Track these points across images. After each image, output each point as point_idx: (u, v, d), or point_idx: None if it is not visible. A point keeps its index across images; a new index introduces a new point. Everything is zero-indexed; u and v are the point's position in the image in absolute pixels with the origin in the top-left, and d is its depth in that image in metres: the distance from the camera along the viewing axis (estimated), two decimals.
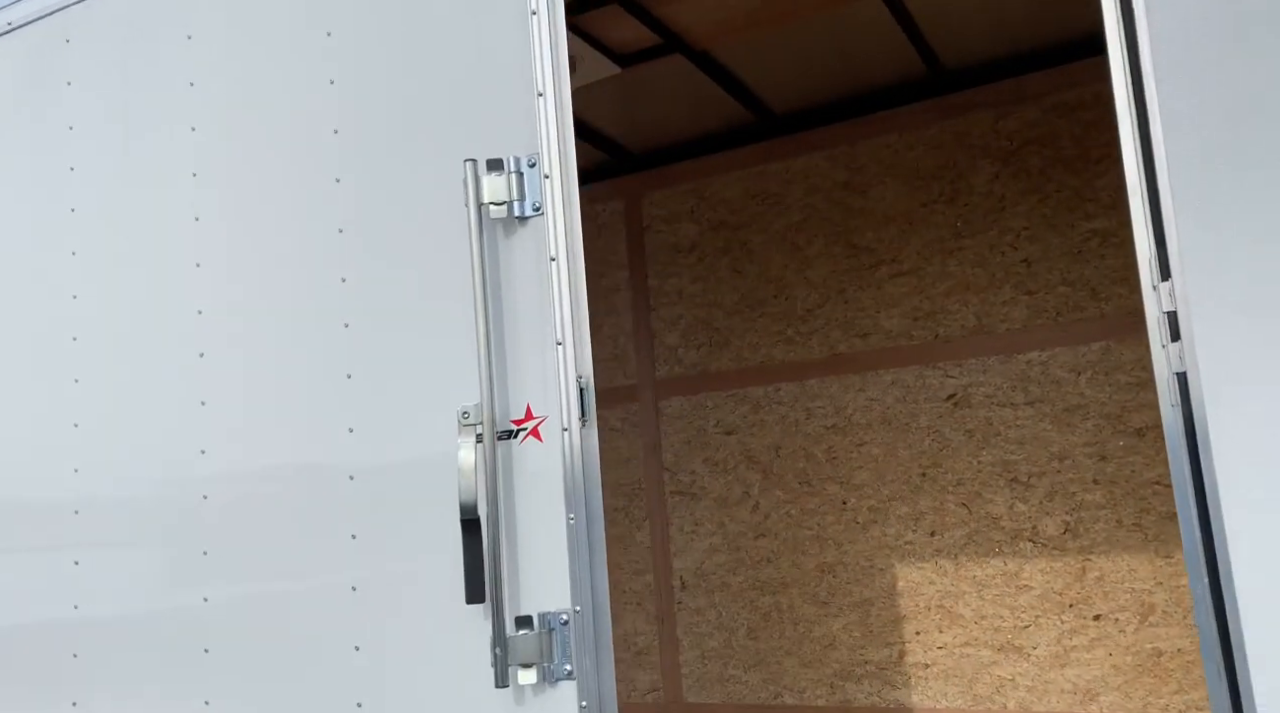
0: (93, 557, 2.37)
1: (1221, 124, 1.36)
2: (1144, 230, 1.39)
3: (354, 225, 2.13)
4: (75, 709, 2.34)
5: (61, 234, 2.52)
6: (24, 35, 2.66)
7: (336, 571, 2.06)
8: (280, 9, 2.27)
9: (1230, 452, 1.31)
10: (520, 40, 1.97)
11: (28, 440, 2.49)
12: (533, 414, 1.91)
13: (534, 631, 1.83)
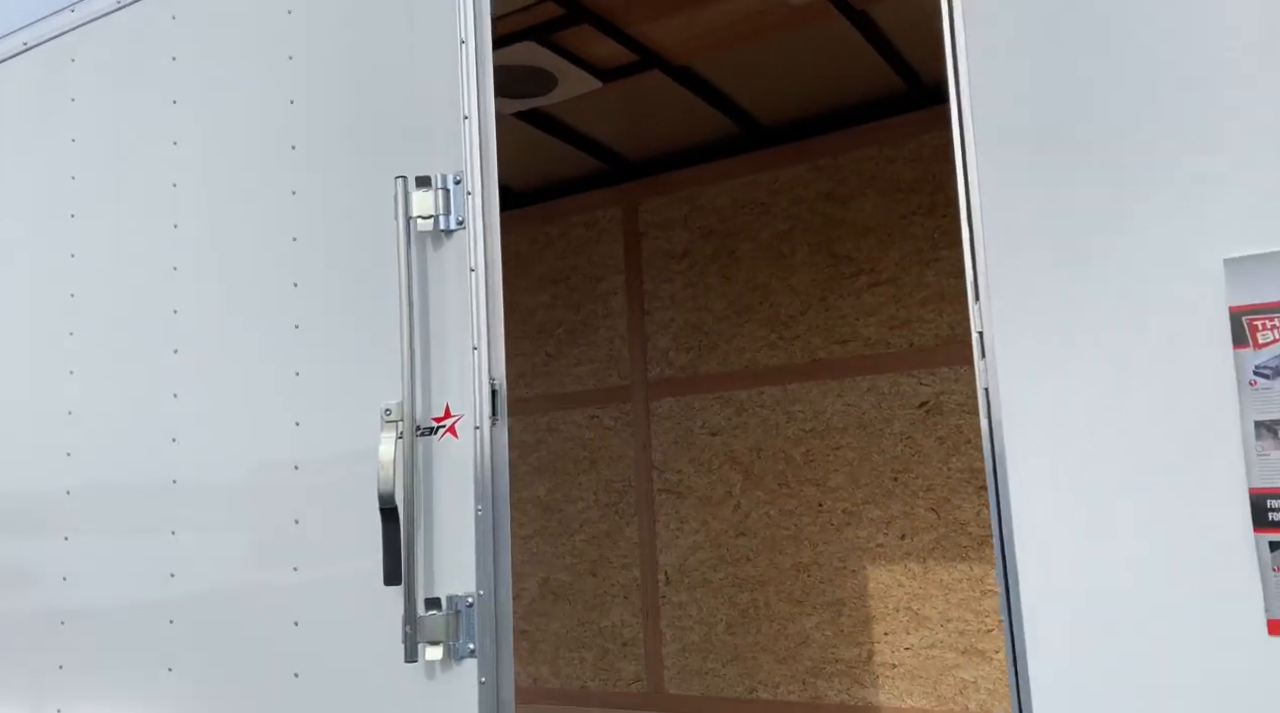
0: (80, 536, 2.60)
1: (1024, 158, 1.45)
2: (968, 252, 1.49)
3: (306, 234, 2.32)
4: (61, 672, 2.57)
5: (62, 237, 2.76)
6: (36, 55, 2.90)
7: (281, 552, 2.25)
8: (249, 35, 2.47)
9: (1020, 464, 1.41)
10: (449, 67, 2.13)
11: (27, 427, 2.73)
12: (451, 413, 2.07)
13: (442, 612, 1.99)
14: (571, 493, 4.56)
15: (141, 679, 2.42)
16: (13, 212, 2.87)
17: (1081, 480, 1.37)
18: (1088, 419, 1.38)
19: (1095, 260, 1.39)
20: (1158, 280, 1.34)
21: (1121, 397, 1.35)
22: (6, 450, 2.76)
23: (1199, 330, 1.31)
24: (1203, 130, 1.33)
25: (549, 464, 4.63)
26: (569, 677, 4.48)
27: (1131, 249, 1.36)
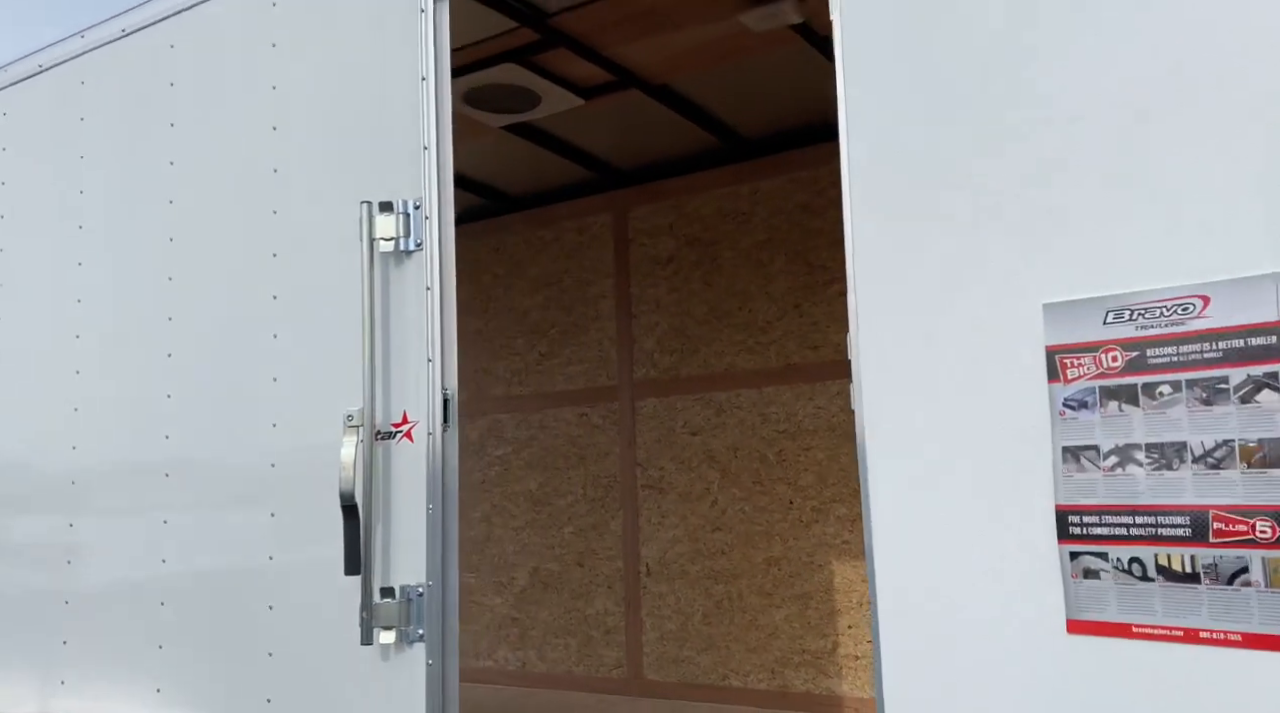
0: (82, 523, 2.85)
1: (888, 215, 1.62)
2: (850, 296, 1.67)
3: (284, 251, 2.53)
4: (65, 647, 2.82)
5: (71, 247, 3.00)
6: (50, 76, 3.14)
7: (258, 542, 2.47)
8: (237, 65, 2.68)
9: (879, 474, 1.59)
10: (411, 102, 2.33)
11: (38, 421, 2.98)
12: (408, 419, 2.27)
13: (395, 600, 2.20)
14: (561, 487, 4.77)
15: (135, 655, 2.66)
16: (29, 222, 3.11)
17: (926, 490, 1.55)
18: (933, 438, 1.55)
19: (942, 302, 1.56)
20: (991, 321, 1.51)
21: (960, 419, 1.53)
22: (19, 442, 3.01)
23: (1022, 366, 1.47)
24: (1028, 198, 1.49)
25: (540, 459, 4.84)
26: (555, 662, 4.70)
27: (970, 294, 1.53)
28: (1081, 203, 1.46)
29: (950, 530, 1.52)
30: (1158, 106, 1.41)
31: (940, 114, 1.62)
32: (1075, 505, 1.41)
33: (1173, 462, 1.34)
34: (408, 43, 2.37)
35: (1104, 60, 1.45)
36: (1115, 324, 1.40)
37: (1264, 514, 1.27)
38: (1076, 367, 1.42)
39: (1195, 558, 1.31)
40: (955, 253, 1.56)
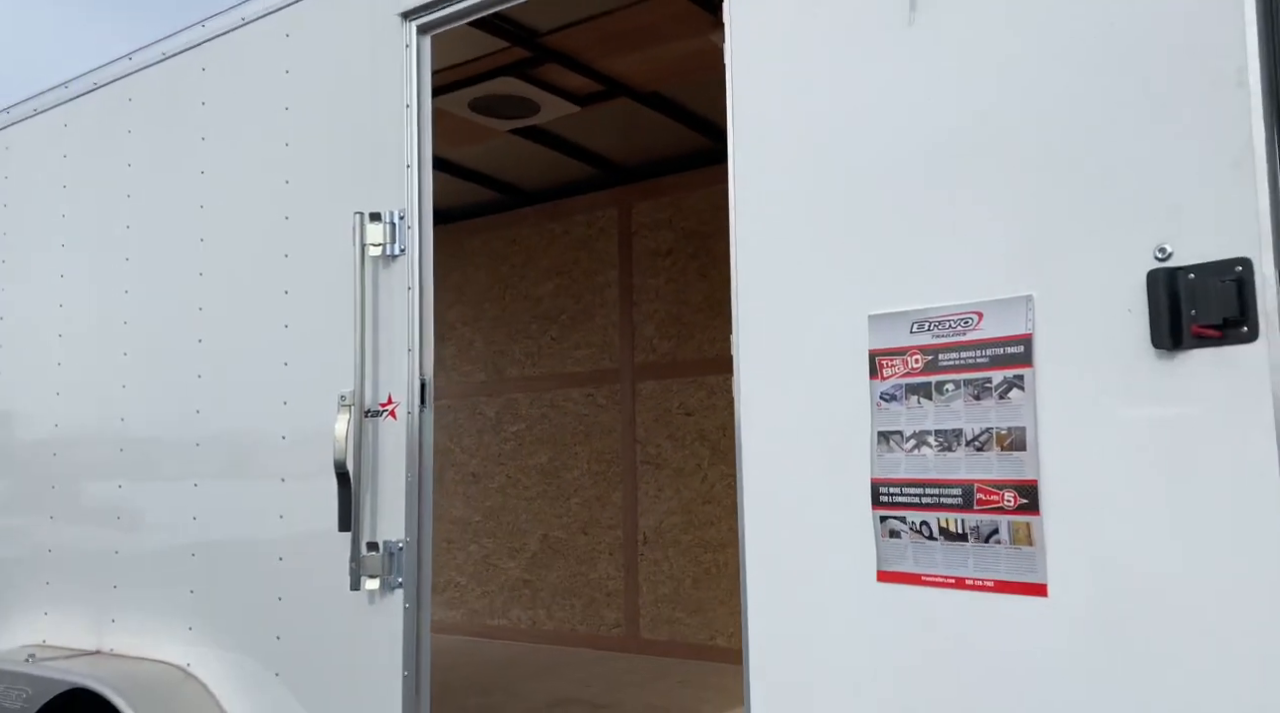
0: (129, 485, 3.30)
1: (764, 238, 1.95)
2: (734, 302, 2.00)
3: (295, 252, 2.93)
4: (115, 590, 3.28)
5: (118, 245, 3.44)
6: (104, 93, 3.58)
7: (271, 503, 2.89)
8: (257, 87, 3.08)
9: (750, 449, 1.92)
10: (396, 126, 2.70)
11: (93, 397, 3.45)
12: (392, 400, 2.66)
13: (379, 553, 2.60)
14: (569, 461, 5.16)
15: (171, 598, 3.11)
16: (85, 222, 3.57)
17: (783, 462, 1.88)
18: (789, 421, 1.88)
19: (798, 313, 1.88)
20: (831, 329, 1.83)
21: (809, 407, 1.85)
22: (79, 415, 3.48)
23: (852, 365, 1.79)
24: (857, 232, 1.80)
25: (550, 436, 5.23)
26: (562, 620, 5.11)
27: (817, 307, 1.85)
28: (895, 238, 1.77)
29: (798, 496, 1.85)
30: (946, 170, 1.70)
31: (796, 163, 1.94)
32: (885, 479, 1.73)
33: (952, 445, 1.65)
34: (394, 74, 2.74)
35: (907, 131, 1.75)
36: (918, 333, 1.71)
37: (1010, 487, 1.58)
38: (890, 367, 1.74)
39: (964, 522, 1.63)
40: (807, 274, 1.88)
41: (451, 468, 5.63)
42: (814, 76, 1.93)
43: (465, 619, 5.47)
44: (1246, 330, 1.37)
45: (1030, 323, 1.59)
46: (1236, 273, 1.38)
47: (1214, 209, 1.41)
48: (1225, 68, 1.42)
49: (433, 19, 2.70)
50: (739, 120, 2.07)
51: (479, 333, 5.57)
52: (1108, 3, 1.55)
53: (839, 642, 1.78)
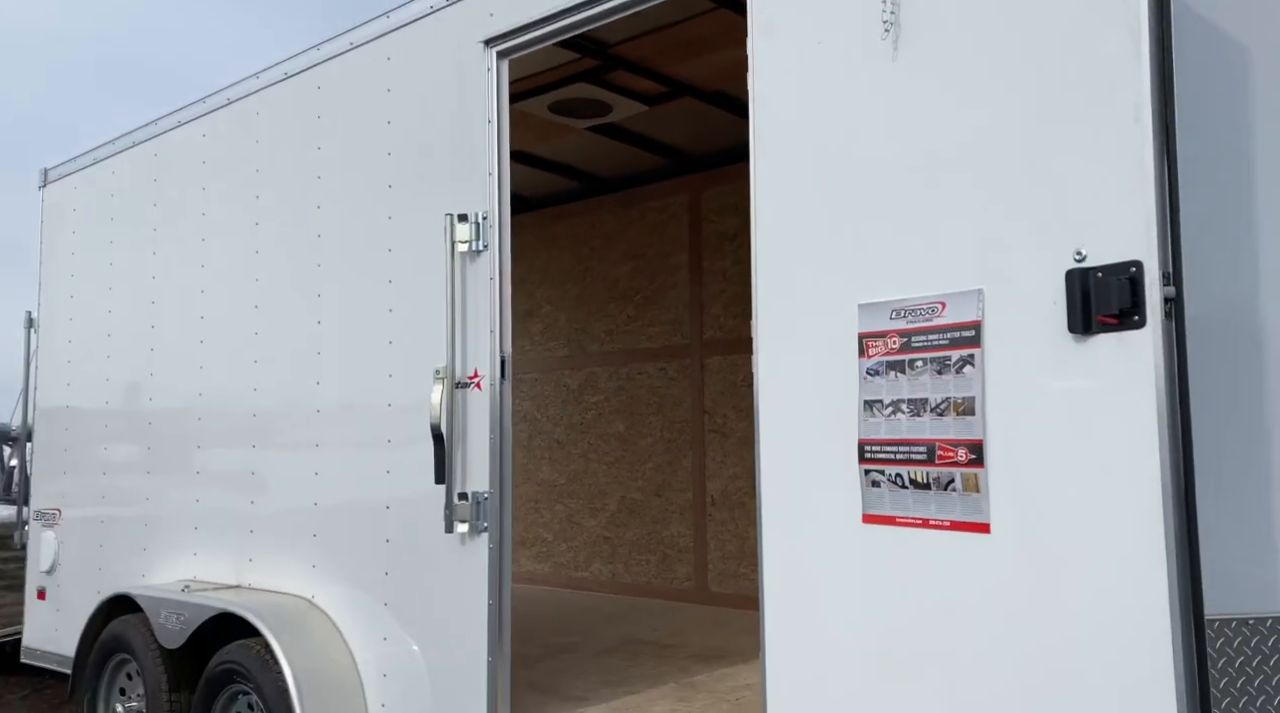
0: (261, 445, 3.88)
1: (781, 237, 2.33)
2: (755, 292, 2.39)
3: (396, 247, 3.43)
4: (251, 535, 3.88)
5: (249, 240, 4.00)
6: (237, 107, 4.14)
7: (379, 458, 3.41)
8: (364, 103, 3.58)
9: (766, 418, 2.32)
10: (480, 138, 3.16)
11: (232, 368, 4.04)
12: (478, 375, 3.14)
13: (468, 501, 3.09)
14: (644, 430, 5.61)
15: (298, 541, 3.67)
16: (223, 219, 4.15)
17: (791, 425, 2.27)
18: (797, 391, 2.26)
19: (806, 301, 2.26)
20: (831, 314, 2.20)
21: (813, 379, 2.23)
22: (220, 387, 4.08)
23: (845, 346, 2.16)
24: (849, 236, 2.15)
25: (627, 407, 5.69)
26: (638, 574, 5.58)
27: (820, 296, 2.23)
28: (879, 240, 2.13)
29: (803, 454, 2.25)
30: (917, 186, 2.05)
31: (802, 179, 2.31)
32: (869, 440, 2.11)
33: (920, 411, 2.01)
34: (478, 93, 3.19)
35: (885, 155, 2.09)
36: (896, 319, 2.08)
37: (964, 446, 1.94)
38: (874, 347, 2.11)
39: (929, 474, 2.00)
40: (811, 269, 2.26)
41: (539, 435, 6.14)
42: (813, 110, 2.30)
43: (552, 572, 6.00)
44: (1138, 318, 1.70)
45: (980, 311, 1.94)
46: (1131, 272, 1.71)
47: (1116, 221, 1.74)
48: (1126, 110, 1.74)
49: (509, 45, 3.14)
50: (759, 144, 2.45)
51: (563, 311, 6.05)
52: (1041, 62, 1.88)
53: (833, 572, 2.18)
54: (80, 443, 4.82)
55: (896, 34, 2.12)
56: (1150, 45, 1.73)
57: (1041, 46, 1.88)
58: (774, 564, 2.33)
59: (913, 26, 2.10)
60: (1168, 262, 1.70)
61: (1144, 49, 1.73)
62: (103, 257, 4.77)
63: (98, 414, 4.73)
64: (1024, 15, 1.92)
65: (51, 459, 5.01)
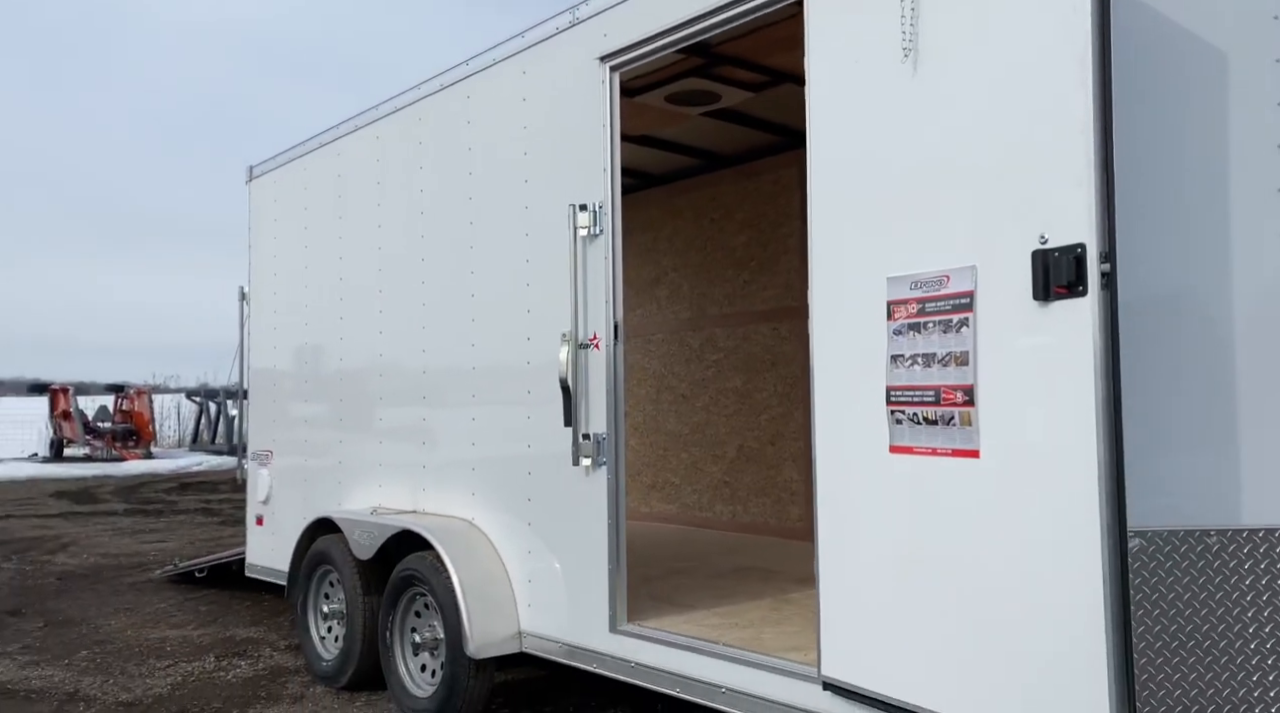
0: (430, 399, 4.69)
1: (830, 221, 2.87)
2: (812, 264, 2.94)
3: (532, 232, 4.12)
4: (424, 470, 4.71)
5: (416, 227, 4.80)
6: (403, 114, 4.93)
7: (521, 406, 4.14)
8: (505, 111, 4.27)
9: (820, 372, 2.88)
10: (597, 140, 3.79)
11: (407, 334, 4.86)
12: (596, 337, 3.81)
13: (590, 440, 3.77)
14: (759, 385, 6.18)
15: (459, 473, 4.47)
16: (396, 209, 4.97)
17: (836, 376, 2.82)
18: (841, 348, 2.81)
19: (848, 273, 2.80)
20: (863, 284, 2.73)
21: (852, 338, 2.77)
22: (397, 350, 4.92)
23: (876, 311, 2.69)
24: (880, 221, 2.65)
25: (744, 364, 6.27)
26: (755, 514, 6.19)
27: (858, 269, 2.76)
28: (902, 223, 2.64)
29: (845, 398, 2.80)
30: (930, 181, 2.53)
31: (845, 171, 2.84)
32: (893, 386, 2.64)
33: (930, 363, 2.53)
34: (595, 101, 3.82)
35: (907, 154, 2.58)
36: (914, 289, 2.59)
37: (960, 389, 2.44)
38: (898, 312, 2.63)
39: (936, 412, 2.51)
40: (853, 247, 2.80)
41: (665, 391, 6.81)
42: (851, 117, 2.81)
43: (679, 512, 6.69)
44: (1081, 288, 2.17)
45: (974, 282, 2.44)
46: (1077, 253, 2.17)
47: (1067, 211, 2.21)
48: (1075, 123, 2.20)
49: (620, 60, 3.75)
50: (813, 146, 2.98)
51: (685, 278, 6.67)
52: (1017, 84, 2.34)
53: (867, 490, 2.74)
54: (285, 396, 5.83)
55: (914, 58, 2.62)
56: (1093, 73, 2.18)
57: (1017, 72, 2.35)
58: (825, 486, 2.90)
59: (926, 52, 2.59)
60: (1105, 243, 2.16)
61: (1088, 77, 2.18)
62: (299, 240, 5.71)
63: (298, 372, 5.71)
64: (1004, 47, 2.38)
65: (263, 410, 6.05)
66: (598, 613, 3.72)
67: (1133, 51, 2.44)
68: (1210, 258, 2.43)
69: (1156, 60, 2.43)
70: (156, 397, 23.61)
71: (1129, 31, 2.47)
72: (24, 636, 5.90)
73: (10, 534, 10.43)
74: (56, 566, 8.44)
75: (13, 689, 4.81)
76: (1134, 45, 2.49)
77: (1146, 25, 2.44)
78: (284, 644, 5.63)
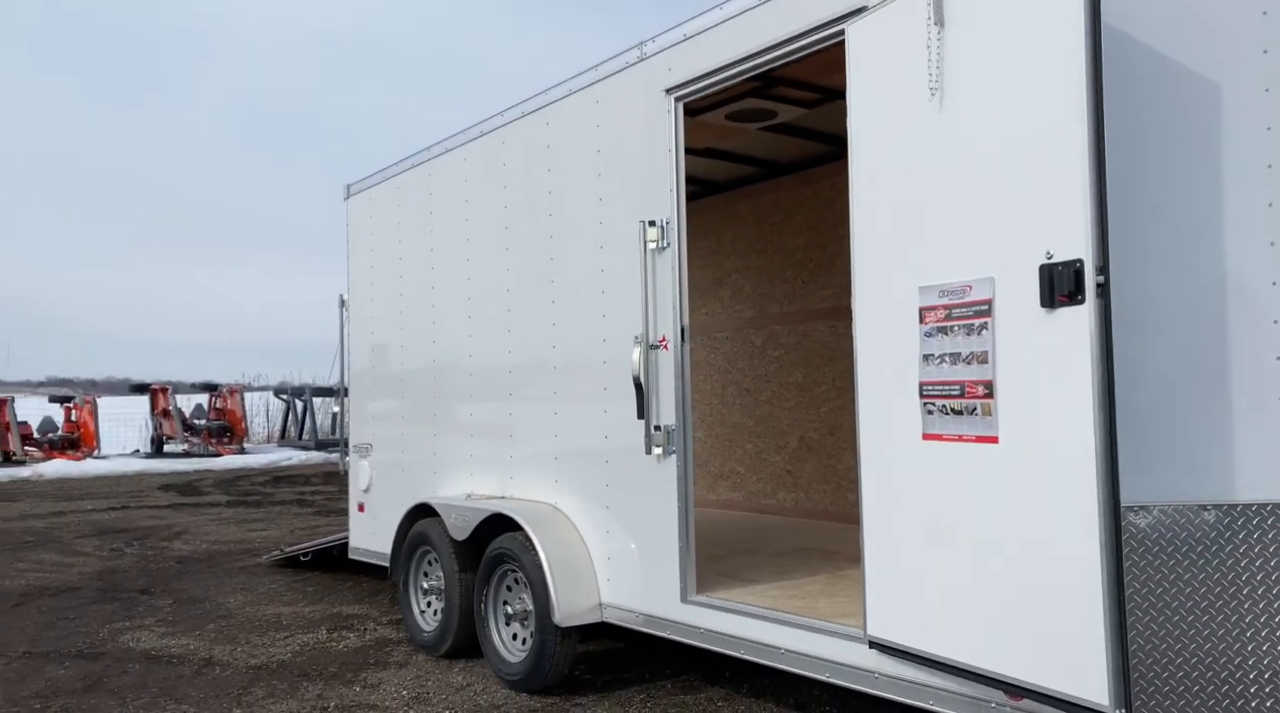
0: (515, 394, 5.19)
1: (871, 234, 3.27)
2: (854, 269, 3.34)
3: (606, 245, 4.59)
4: (511, 460, 5.22)
5: (501, 240, 5.30)
6: (488, 138, 5.44)
7: (598, 401, 4.61)
8: (580, 138, 4.74)
9: (862, 362, 3.29)
10: (663, 163, 4.23)
11: (493, 337, 5.38)
12: (665, 339, 4.25)
13: (661, 431, 4.23)
14: (818, 379, 6.56)
15: (542, 462, 4.96)
16: (484, 227, 5.48)
17: (877, 371, 3.22)
18: (881, 347, 3.21)
19: (888, 280, 3.19)
20: (899, 292, 3.12)
21: (889, 339, 3.17)
22: (485, 353, 5.44)
23: (909, 316, 3.08)
24: (913, 236, 3.04)
25: (803, 359, 6.65)
26: (816, 500, 6.58)
27: (895, 278, 3.15)
28: (932, 238, 3.03)
29: (885, 391, 3.20)
30: (956, 201, 2.91)
31: (882, 191, 3.23)
32: (926, 381, 3.03)
33: (956, 361, 2.91)
34: (662, 129, 4.26)
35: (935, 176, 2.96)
36: (942, 297, 2.98)
37: (981, 384, 2.82)
38: (928, 317, 3.02)
39: (961, 404, 2.90)
40: (889, 259, 3.19)
41: (730, 385, 7.23)
42: (888, 144, 3.21)
43: (745, 499, 7.11)
44: (1080, 297, 2.54)
45: (992, 292, 2.82)
46: (1076, 267, 2.54)
47: (1068, 230, 2.58)
48: (1075, 154, 2.57)
49: (684, 92, 4.19)
50: (854, 168, 3.38)
51: (748, 279, 7.07)
52: (1028, 120, 2.71)
53: (904, 472, 3.14)
54: (383, 394, 6.40)
55: (940, 95, 3.00)
56: (1088, 108, 2.54)
57: (1026, 108, 2.72)
58: (868, 468, 3.31)
59: (949, 90, 2.97)
60: (1100, 258, 2.53)
61: (1084, 112, 2.55)
62: (393, 252, 6.28)
63: (395, 372, 6.28)
64: (1015, 87, 2.76)
65: (362, 407, 6.65)
66: (670, 586, 4.17)
67: (1134, 86, 2.80)
68: (1207, 263, 2.78)
69: (1155, 93, 2.78)
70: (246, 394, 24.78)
71: (1129, 68, 2.83)
72: (157, 611, 6.60)
73: (131, 523, 11.31)
74: (174, 551, 9.22)
75: (157, 655, 5.46)
76: (1135, 80, 2.85)
77: (1145, 62, 2.79)
78: (386, 619, 6.21)
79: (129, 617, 6.42)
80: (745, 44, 3.91)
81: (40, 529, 10.87)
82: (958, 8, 2.95)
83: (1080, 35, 2.56)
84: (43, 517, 12.03)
